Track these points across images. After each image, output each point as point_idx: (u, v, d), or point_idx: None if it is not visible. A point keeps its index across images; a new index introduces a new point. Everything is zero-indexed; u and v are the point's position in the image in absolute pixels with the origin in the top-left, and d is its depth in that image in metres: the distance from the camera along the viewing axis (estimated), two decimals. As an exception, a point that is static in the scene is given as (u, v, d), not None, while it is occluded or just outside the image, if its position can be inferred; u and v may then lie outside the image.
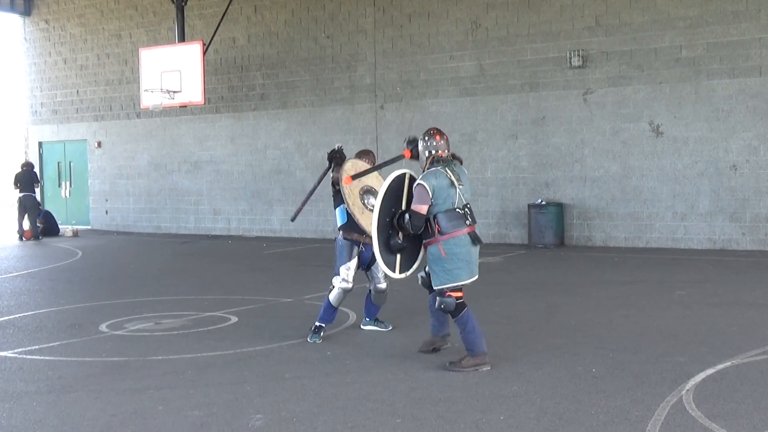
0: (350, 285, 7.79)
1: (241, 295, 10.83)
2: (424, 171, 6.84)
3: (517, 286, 11.20)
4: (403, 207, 6.86)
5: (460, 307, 6.69)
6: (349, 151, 19.78)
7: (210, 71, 20.26)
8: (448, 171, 6.71)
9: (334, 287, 7.81)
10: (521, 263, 13.99)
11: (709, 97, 15.26)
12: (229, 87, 20.79)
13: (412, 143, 7.13)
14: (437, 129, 6.97)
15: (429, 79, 18.05)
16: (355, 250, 7.84)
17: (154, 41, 21.42)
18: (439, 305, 6.71)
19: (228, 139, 20.91)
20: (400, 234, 6.77)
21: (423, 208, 6.62)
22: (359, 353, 7.26)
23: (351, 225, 7.78)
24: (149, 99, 19.14)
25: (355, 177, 7.57)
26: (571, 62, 16.29)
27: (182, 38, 19.63)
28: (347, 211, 7.74)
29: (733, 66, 15.03)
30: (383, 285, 8.10)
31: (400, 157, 7.39)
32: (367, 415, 5.49)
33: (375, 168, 7.82)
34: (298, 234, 19.76)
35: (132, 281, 12.77)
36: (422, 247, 6.98)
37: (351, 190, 7.71)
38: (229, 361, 7.08)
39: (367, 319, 8.39)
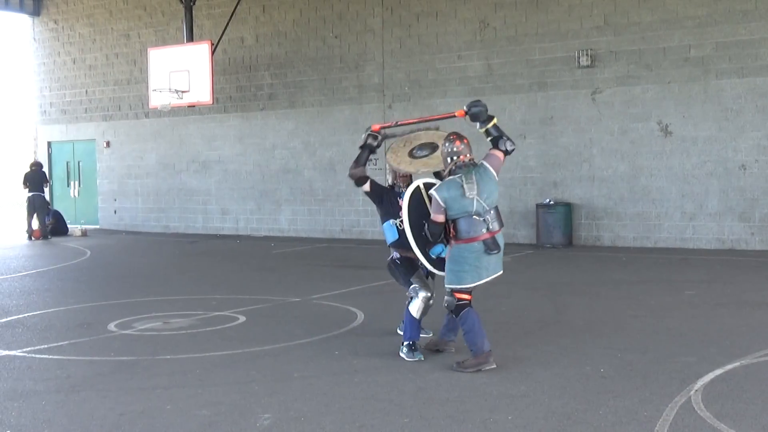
0: (429, 293, 7.15)
1: (249, 295, 10.84)
2: (445, 176, 6.87)
3: (525, 286, 11.18)
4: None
5: (460, 307, 6.68)
6: (358, 151, 19.69)
7: (218, 71, 20.29)
8: (464, 179, 6.68)
9: (413, 298, 7.17)
10: (529, 263, 13.97)
11: (717, 97, 15.21)
12: (238, 87, 20.82)
13: (475, 106, 7.05)
14: (457, 133, 6.97)
15: (437, 79, 18.04)
16: (414, 264, 7.30)
17: (163, 41, 21.46)
18: (444, 302, 6.79)
19: (236, 139, 20.93)
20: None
21: (439, 217, 6.68)
22: (367, 353, 7.26)
23: (402, 241, 7.15)
24: (158, 99, 19.18)
25: (384, 127, 7.64)
26: (579, 62, 16.26)
27: (191, 38, 19.66)
28: (397, 228, 7.28)
29: (742, 65, 14.98)
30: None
31: (452, 116, 7.45)
32: (374, 415, 5.49)
33: (421, 121, 7.80)
34: (306, 234, 19.77)
35: (140, 281, 12.79)
36: None
37: (396, 153, 7.56)
38: (237, 361, 7.09)
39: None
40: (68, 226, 21.94)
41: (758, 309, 9.19)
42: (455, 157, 6.81)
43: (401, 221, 7.11)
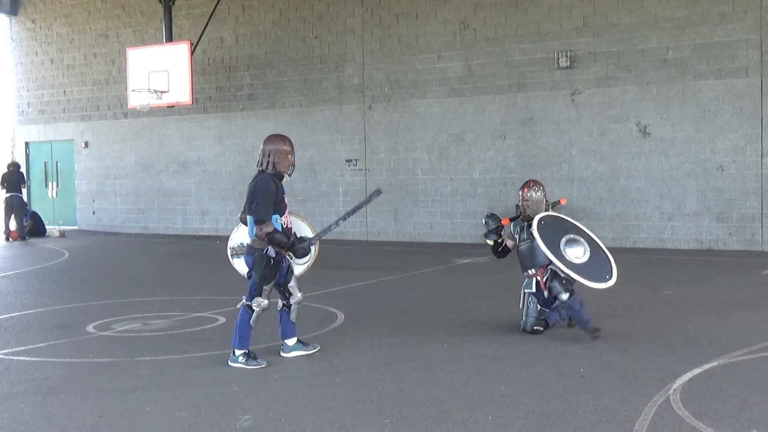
0: (268, 304, 7.04)
1: (228, 296, 10.80)
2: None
3: (505, 286, 11.20)
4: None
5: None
6: (338, 151, 19.73)
7: (198, 71, 20.22)
8: None
9: (251, 307, 6.91)
10: (509, 263, 13.93)
11: (696, 98, 15.33)
12: (217, 87, 20.75)
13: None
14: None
15: (417, 80, 18.07)
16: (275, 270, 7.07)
17: (142, 41, 21.36)
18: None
19: (216, 140, 20.87)
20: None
21: None
22: (347, 354, 7.26)
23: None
24: (136, 99, 19.09)
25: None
26: (558, 63, 16.33)
27: (170, 38, 19.58)
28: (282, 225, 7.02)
29: (719, 67, 15.10)
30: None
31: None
32: (355, 416, 5.49)
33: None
34: (286, 234, 19.70)
35: (119, 282, 12.72)
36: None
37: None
38: (217, 362, 7.06)
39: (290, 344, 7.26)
40: (46, 227, 21.79)
41: (736, 309, 9.26)
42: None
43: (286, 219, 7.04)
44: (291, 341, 7.21)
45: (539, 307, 7.91)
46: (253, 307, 6.83)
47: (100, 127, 22.75)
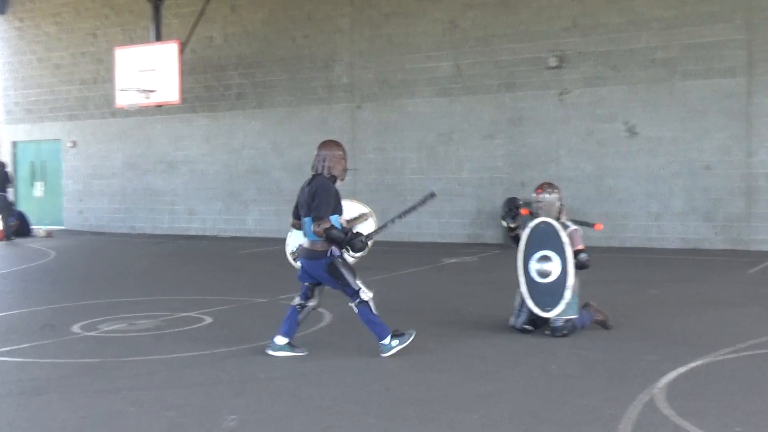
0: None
1: (215, 296, 10.78)
2: (559, 220, 8.06)
3: (493, 285, 11.23)
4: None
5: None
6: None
7: (186, 70, 20.16)
8: None
9: (364, 300, 7.04)
10: (496, 263, 14.02)
11: (683, 98, 15.38)
12: (206, 86, 20.71)
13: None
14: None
15: (406, 79, 18.07)
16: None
17: (130, 40, 21.30)
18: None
19: (204, 139, 20.82)
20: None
21: None
22: (334, 353, 7.24)
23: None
24: (124, 98, 19.03)
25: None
26: (547, 63, 16.37)
27: (158, 37, 19.53)
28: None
29: (707, 67, 15.16)
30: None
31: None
32: (342, 416, 5.48)
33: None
34: (274, 234, 19.69)
35: (105, 282, 12.68)
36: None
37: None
38: (203, 362, 7.04)
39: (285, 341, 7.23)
40: (32, 227, 21.68)
41: (721, 308, 9.30)
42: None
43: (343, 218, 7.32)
44: (282, 341, 7.19)
45: None
46: (365, 299, 6.99)
47: (87, 126, 22.67)
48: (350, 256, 7.51)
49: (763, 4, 14.73)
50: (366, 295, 6.97)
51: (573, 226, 8.01)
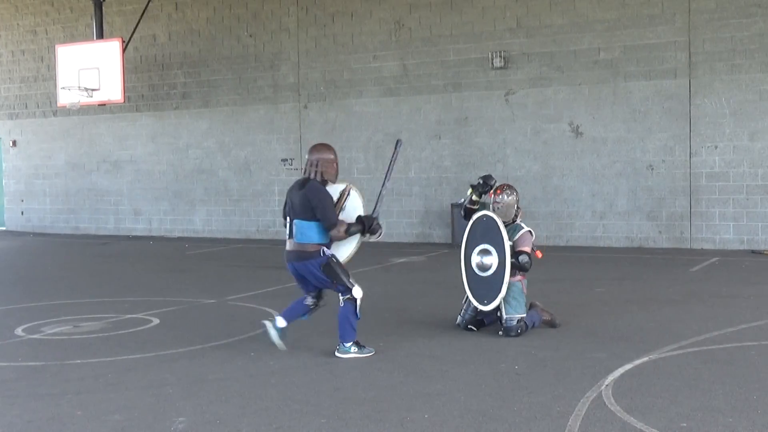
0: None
1: (162, 297, 10.66)
2: (515, 222, 8.10)
3: (441, 285, 11.28)
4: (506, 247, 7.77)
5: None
6: (274, 151, 19.68)
7: (130, 69, 19.90)
8: None
9: (353, 298, 7.14)
10: (445, 262, 14.09)
11: (626, 99, 15.62)
12: (150, 85, 20.46)
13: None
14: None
15: (353, 79, 18.06)
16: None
17: (71, 38, 20.94)
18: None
19: (149, 138, 20.57)
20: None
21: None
22: (283, 354, 7.21)
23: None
24: (66, 97, 18.70)
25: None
26: (493, 63, 16.49)
27: (100, 35, 19.21)
28: None
29: (649, 68, 15.41)
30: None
31: None
32: (291, 416, 5.46)
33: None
34: (221, 234, 19.56)
35: (49, 284, 12.45)
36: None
37: None
38: (150, 364, 6.96)
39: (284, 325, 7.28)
40: (-28, 227, 21.23)
41: (666, 305, 9.46)
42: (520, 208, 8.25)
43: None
44: (283, 323, 7.21)
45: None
46: (355, 297, 7.06)
47: (28, 125, 22.24)
48: (372, 240, 7.53)
49: (703, 7, 15.03)
50: (358, 293, 7.07)
51: (526, 228, 8.07)
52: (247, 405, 5.73)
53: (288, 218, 7.27)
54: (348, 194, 7.39)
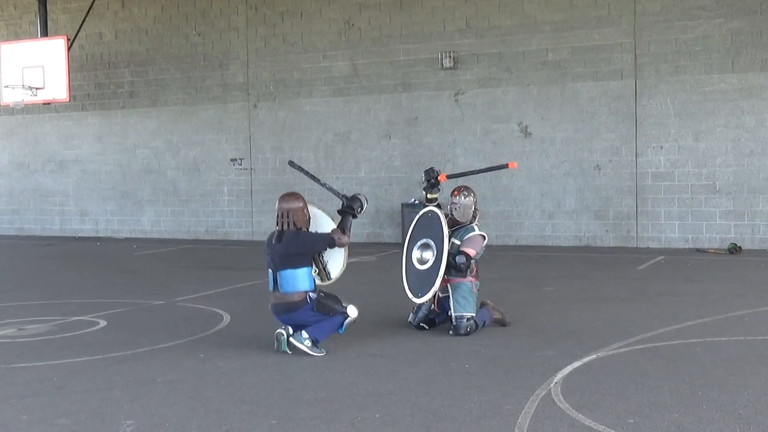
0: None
1: (110, 299, 10.52)
2: (471, 223, 8.14)
3: (392, 284, 11.27)
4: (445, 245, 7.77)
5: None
6: (223, 151, 19.51)
7: (75, 67, 19.59)
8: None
9: (347, 316, 7.38)
10: (395, 262, 14.01)
11: (574, 99, 15.80)
12: (96, 84, 20.17)
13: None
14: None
15: (302, 79, 18.01)
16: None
17: (15, 35, 20.56)
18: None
19: (95, 138, 20.28)
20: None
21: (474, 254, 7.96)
22: (233, 355, 7.17)
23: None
24: (9, 96, 18.33)
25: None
26: (442, 63, 16.56)
27: (45, 33, 18.87)
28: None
29: (596, 69, 15.61)
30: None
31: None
32: (242, 417, 5.42)
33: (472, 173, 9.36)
34: (170, 235, 19.36)
35: (-8, 286, 12.21)
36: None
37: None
38: (97, 367, 6.86)
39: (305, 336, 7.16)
40: None
41: (613, 303, 9.59)
42: (477, 209, 8.26)
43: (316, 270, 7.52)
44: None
45: (432, 306, 8.00)
46: (350, 315, 7.35)
47: (-30, 124, 21.78)
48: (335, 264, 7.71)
49: (648, 9, 15.27)
50: (353, 312, 7.34)
51: (478, 231, 8.10)
52: (197, 407, 5.68)
53: (270, 271, 7.29)
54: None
